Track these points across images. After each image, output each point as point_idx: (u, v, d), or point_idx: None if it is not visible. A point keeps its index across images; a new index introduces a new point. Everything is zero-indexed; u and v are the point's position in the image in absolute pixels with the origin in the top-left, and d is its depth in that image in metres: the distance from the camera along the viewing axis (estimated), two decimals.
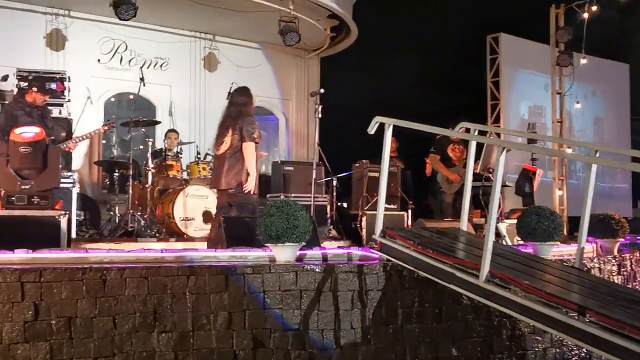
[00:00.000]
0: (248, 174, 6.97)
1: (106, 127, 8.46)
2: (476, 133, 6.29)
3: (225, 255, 5.76)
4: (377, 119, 5.96)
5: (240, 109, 7.12)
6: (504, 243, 8.54)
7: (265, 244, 5.73)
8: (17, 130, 6.11)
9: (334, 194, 11.24)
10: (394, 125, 5.90)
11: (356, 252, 6.12)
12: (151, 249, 5.79)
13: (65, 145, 7.82)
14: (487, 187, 8.59)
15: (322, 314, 5.50)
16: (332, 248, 6.37)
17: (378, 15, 15.74)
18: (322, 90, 8.34)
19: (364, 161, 10.59)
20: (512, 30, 15.07)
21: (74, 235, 8.67)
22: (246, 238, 6.17)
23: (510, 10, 15.41)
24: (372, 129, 6.03)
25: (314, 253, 5.97)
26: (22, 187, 5.79)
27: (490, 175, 8.35)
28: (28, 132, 6.07)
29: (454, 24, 16.87)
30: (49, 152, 6.05)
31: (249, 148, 6.94)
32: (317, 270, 5.53)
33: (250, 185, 6.98)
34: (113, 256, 5.49)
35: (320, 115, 8.29)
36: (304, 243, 5.74)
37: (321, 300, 5.51)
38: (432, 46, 17.08)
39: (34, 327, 4.83)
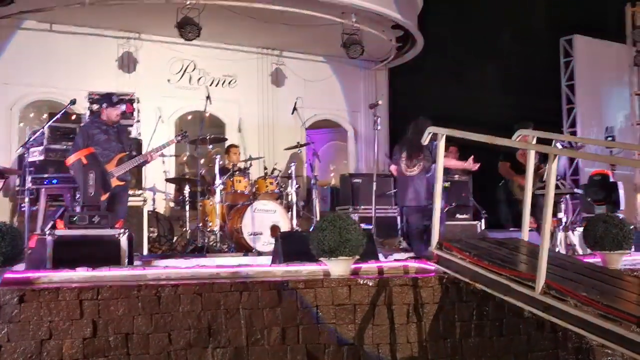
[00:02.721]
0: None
1: (179, 138, 8.64)
2: (534, 141, 6.10)
3: (280, 270, 5.78)
4: (430, 129, 5.90)
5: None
6: (576, 253, 8.27)
7: (319, 258, 5.72)
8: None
9: None
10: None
11: (413, 264, 6.04)
12: (207, 265, 5.87)
13: (146, 157, 7.99)
14: (557, 194, 8.33)
15: (377, 328, 5.45)
16: (389, 261, 6.32)
17: (447, 22, 15.52)
18: (380, 102, 8.29)
19: None
20: (587, 32, 14.63)
21: (145, 252, 8.92)
22: (303, 252, 6.16)
23: (584, 12, 14.94)
24: (425, 140, 5.97)
25: (370, 266, 5.93)
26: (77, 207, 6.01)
27: (558, 182, 8.09)
28: (70, 157, 6.36)
29: (527, 27, 16.49)
30: (79, 174, 6.29)
31: (448, 161, 7.98)
32: (370, 283, 5.48)
33: (470, 165, 8.04)
34: (169, 273, 5.61)
35: (379, 127, 8.23)
36: (357, 256, 5.70)
37: (376, 314, 5.46)
38: (505, 51, 16.75)
39: (92, 343, 4.95)
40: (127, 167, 7.69)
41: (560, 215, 8.35)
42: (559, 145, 6.71)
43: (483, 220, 11.17)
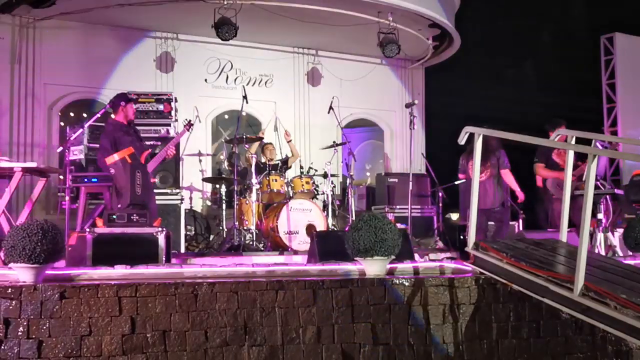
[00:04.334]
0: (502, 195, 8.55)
1: (187, 127, 8.69)
2: (573, 141, 6.02)
3: (315, 270, 5.80)
4: (467, 129, 5.87)
5: (490, 144, 8.16)
6: (617, 254, 8.14)
7: (354, 258, 5.73)
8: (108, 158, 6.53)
9: (440, 205, 11.09)
10: None
11: (449, 265, 6.01)
12: (243, 264, 5.91)
13: (166, 153, 8.05)
14: (597, 195, 8.21)
15: (412, 328, 5.44)
16: (424, 261, 6.30)
17: (485, 21, 15.42)
18: (416, 102, 8.27)
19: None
20: (629, 30, 14.40)
21: (182, 250, 9.01)
22: (339, 252, 6.17)
23: (625, 9, 14.70)
24: (462, 139, 5.93)
25: (405, 266, 5.92)
26: (119, 205, 6.11)
27: (597, 183, 7.98)
28: (113, 156, 6.45)
29: (566, 26, 16.31)
30: (125, 172, 6.38)
31: (508, 174, 8.42)
32: (406, 283, 5.47)
33: (521, 196, 8.80)
34: (206, 271, 5.66)
35: (415, 127, 8.21)
36: (393, 256, 5.69)
37: (411, 314, 5.44)
38: (543, 50, 16.59)
39: (131, 339, 5.04)
40: (154, 164, 7.76)
41: (600, 216, 8.23)
42: (598, 145, 6.61)
43: (521, 221, 11.05)
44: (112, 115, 7.91)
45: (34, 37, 10.91)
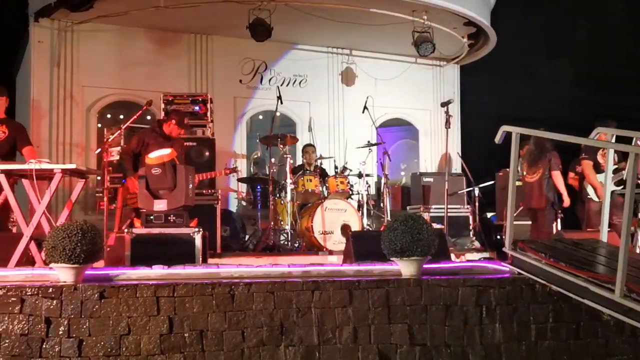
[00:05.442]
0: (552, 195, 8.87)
1: (228, 171, 8.75)
2: (613, 139, 5.93)
3: (351, 270, 5.79)
4: (504, 128, 5.80)
5: (544, 145, 8.64)
6: None
7: (390, 258, 5.70)
8: (151, 154, 6.53)
9: (477, 204, 10.99)
10: None
11: (486, 265, 5.95)
12: (279, 264, 5.92)
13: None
14: (638, 194, 8.05)
15: (449, 329, 5.39)
16: (461, 261, 6.24)
17: (520, 17, 15.26)
18: (452, 101, 8.24)
19: (508, 169, 10.20)
20: None
21: (218, 250, 9.08)
22: (375, 252, 6.15)
23: None
24: (499, 139, 5.86)
25: (441, 267, 5.87)
26: (157, 206, 6.16)
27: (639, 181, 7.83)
28: (158, 153, 6.46)
29: (605, 21, 16.06)
30: (177, 173, 6.37)
31: (558, 176, 8.74)
32: (443, 284, 5.43)
33: (567, 201, 9.02)
34: (242, 271, 5.68)
35: (450, 126, 8.16)
36: (429, 257, 5.65)
37: (448, 315, 5.40)
38: (582, 46, 16.37)
39: (169, 339, 5.08)
40: None
41: None
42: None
43: (559, 220, 10.91)
44: (164, 121, 8.00)
45: (72, 41, 11.08)
